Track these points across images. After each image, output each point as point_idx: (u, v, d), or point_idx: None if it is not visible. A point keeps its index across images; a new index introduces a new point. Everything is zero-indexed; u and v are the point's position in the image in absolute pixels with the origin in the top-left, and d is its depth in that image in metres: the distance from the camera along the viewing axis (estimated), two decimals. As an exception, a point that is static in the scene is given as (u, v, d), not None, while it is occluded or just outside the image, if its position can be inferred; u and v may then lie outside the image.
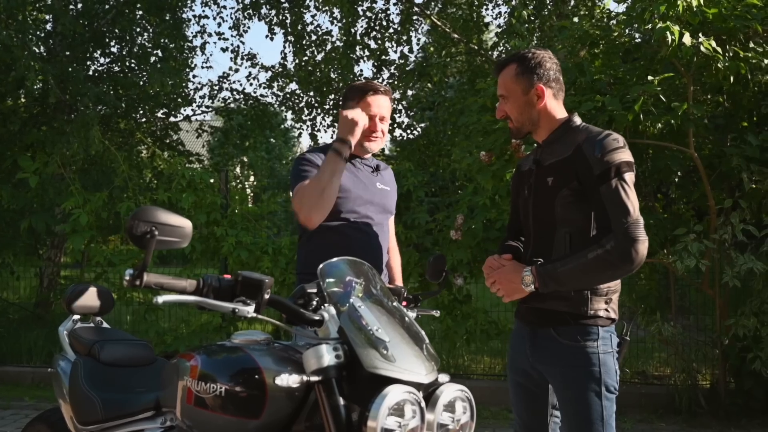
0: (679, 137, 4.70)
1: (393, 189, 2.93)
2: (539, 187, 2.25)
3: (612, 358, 2.18)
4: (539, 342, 2.25)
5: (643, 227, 2.03)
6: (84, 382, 2.48)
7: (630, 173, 2.09)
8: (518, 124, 2.30)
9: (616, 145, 2.10)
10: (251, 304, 1.71)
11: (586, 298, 2.15)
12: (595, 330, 2.15)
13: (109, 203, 6.23)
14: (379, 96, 2.75)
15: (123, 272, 5.62)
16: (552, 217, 2.20)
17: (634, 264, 2.01)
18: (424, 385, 1.71)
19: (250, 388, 1.78)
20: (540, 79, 2.24)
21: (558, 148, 2.23)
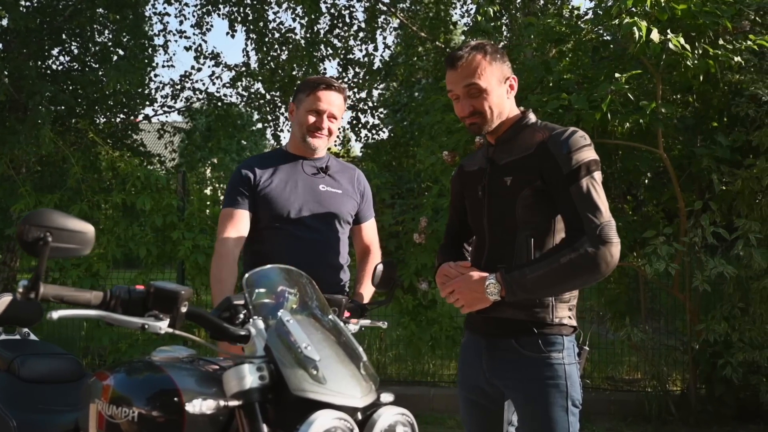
0: (648, 137, 4.60)
1: (350, 191, 2.73)
2: (496, 187, 2.07)
3: (576, 370, 2.02)
4: (498, 354, 2.05)
5: (615, 229, 1.89)
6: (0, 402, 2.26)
7: (599, 172, 1.96)
8: (489, 119, 2.06)
9: (584, 143, 1.96)
10: (165, 319, 1.52)
11: (550, 306, 1.99)
12: (559, 340, 1.99)
13: (60, 205, 5.98)
14: (331, 92, 2.60)
15: (73, 277, 5.40)
16: (512, 219, 2.03)
17: (609, 268, 1.86)
18: (360, 408, 1.52)
19: (167, 412, 1.58)
20: (509, 68, 2.10)
21: (514, 146, 2.06)
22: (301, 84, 2.72)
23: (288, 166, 2.65)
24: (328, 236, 2.64)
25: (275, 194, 2.57)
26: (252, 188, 2.57)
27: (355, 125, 9.92)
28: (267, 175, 2.60)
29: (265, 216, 2.57)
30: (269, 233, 2.57)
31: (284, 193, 2.58)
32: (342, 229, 2.70)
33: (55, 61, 9.05)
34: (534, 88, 4.79)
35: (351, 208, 2.73)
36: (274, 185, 2.58)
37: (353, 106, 10.06)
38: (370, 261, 2.80)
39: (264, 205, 2.57)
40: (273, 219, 2.56)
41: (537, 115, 4.28)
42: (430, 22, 8.66)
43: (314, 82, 2.64)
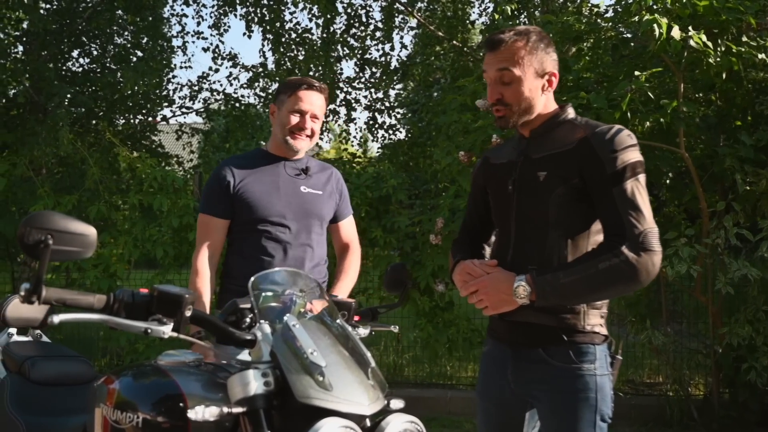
0: (669, 137, 4.50)
1: (329, 192, 2.74)
2: (527, 182, 1.94)
3: (609, 382, 1.89)
4: (524, 365, 1.93)
5: (658, 237, 1.76)
6: (9, 404, 2.25)
7: (644, 175, 1.82)
8: (518, 111, 1.92)
9: (630, 142, 1.82)
10: (168, 323, 1.49)
11: (582, 312, 1.87)
12: (591, 349, 1.86)
13: (79, 206, 6.01)
14: (312, 92, 2.60)
15: (90, 278, 5.42)
16: (543, 217, 1.90)
17: (649, 277, 1.74)
18: (368, 416, 1.48)
19: (172, 418, 1.55)
20: (554, 62, 1.95)
21: (551, 140, 1.93)
22: (281, 85, 2.70)
23: (269, 168, 2.65)
24: (309, 237, 2.65)
25: (257, 197, 2.57)
26: (231, 192, 2.57)
27: (372, 125, 9.89)
28: (248, 177, 2.60)
29: (246, 218, 2.57)
30: (251, 235, 2.57)
31: (266, 196, 2.58)
32: (322, 229, 2.72)
33: (75, 63, 9.13)
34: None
35: (331, 208, 2.75)
36: (256, 187, 2.58)
37: (370, 106, 10.04)
38: (348, 258, 2.82)
39: (245, 208, 2.56)
40: (255, 221, 2.56)
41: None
42: (447, 22, 8.60)
43: (295, 83, 2.62)
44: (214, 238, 2.59)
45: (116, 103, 8.70)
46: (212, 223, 2.59)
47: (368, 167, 6.66)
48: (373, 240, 5.49)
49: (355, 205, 5.50)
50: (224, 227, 2.60)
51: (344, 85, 9.92)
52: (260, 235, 2.56)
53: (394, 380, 5.99)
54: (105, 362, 6.66)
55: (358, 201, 5.50)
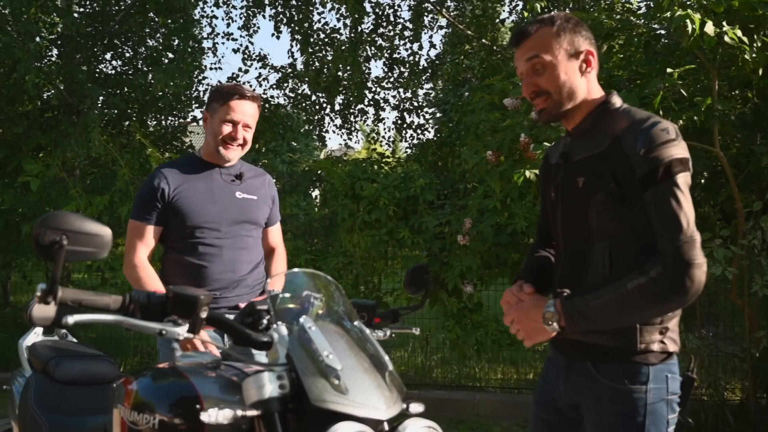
0: (703, 135, 4.39)
1: (263, 197, 2.82)
2: (568, 189, 1.80)
3: (666, 406, 1.70)
4: (574, 377, 1.82)
5: (699, 247, 1.58)
6: (33, 403, 2.27)
7: (684, 174, 1.62)
8: (559, 99, 1.76)
9: (666, 138, 1.62)
10: (184, 324, 1.48)
11: (635, 329, 1.70)
12: (645, 370, 1.70)
13: (110, 207, 6.09)
14: (244, 102, 2.60)
15: (122, 277, 5.48)
16: (586, 227, 1.75)
17: (689, 295, 1.56)
18: (384, 420, 1.45)
19: (188, 420, 1.54)
20: (586, 41, 1.79)
21: (591, 138, 1.77)
22: (213, 92, 2.71)
23: (204, 175, 2.68)
24: (246, 241, 2.71)
25: (192, 204, 2.60)
26: (164, 200, 2.59)
27: (400, 125, 9.86)
28: (182, 185, 2.62)
29: (182, 225, 2.60)
30: (187, 241, 2.61)
31: (201, 203, 2.62)
32: (258, 233, 2.81)
33: (107, 65, 9.27)
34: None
35: (265, 213, 2.84)
36: (191, 195, 2.61)
37: (397, 106, 10.02)
38: (275, 258, 2.94)
39: (181, 215, 2.60)
40: (191, 228, 2.60)
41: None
42: (477, 20, 8.53)
43: (227, 92, 2.62)
44: (146, 244, 2.61)
45: (147, 105, 8.80)
46: (145, 229, 2.61)
47: (397, 167, 6.63)
48: (401, 240, 5.46)
49: (383, 205, 5.48)
50: (157, 234, 2.63)
51: (373, 84, 9.91)
52: (196, 242, 2.61)
53: (423, 382, 5.96)
54: (136, 361, 6.74)
55: (385, 201, 5.48)
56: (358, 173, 5.76)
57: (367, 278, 5.89)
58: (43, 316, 2.56)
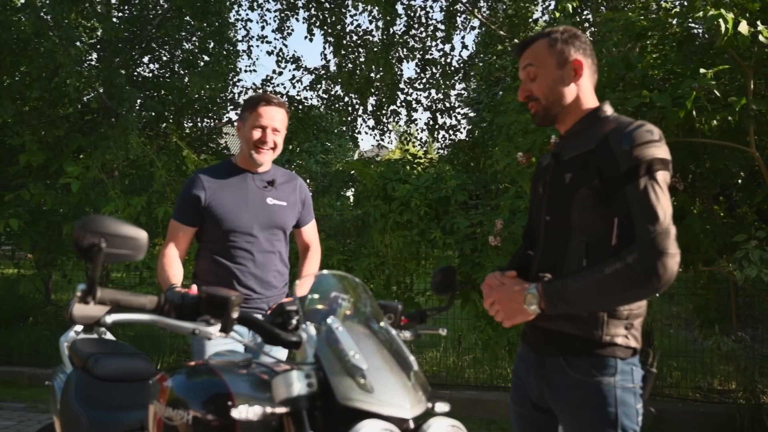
0: (739, 135, 4.33)
1: (293, 202, 2.97)
2: (555, 185, 1.93)
3: (633, 396, 1.83)
4: (545, 372, 1.93)
5: (674, 239, 1.69)
6: (74, 398, 2.35)
7: (663, 172, 1.75)
8: (547, 104, 1.94)
9: (649, 138, 1.76)
10: (216, 324, 1.53)
11: (602, 321, 1.82)
12: (612, 362, 1.82)
13: (147, 207, 6.23)
14: (271, 107, 2.78)
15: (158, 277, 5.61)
16: (567, 222, 1.87)
17: (661, 282, 1.66)
18: (409, 419, 1.48)
19: (220, 416, 1.59)
20: (578, 51, 1.94)
21: (582, 140, 1.90)
22: (244, 102, 2.90)
23: (237, 180, 2.85)
24: (274, 245, 2.89)
25: (226, 209, 2.78)
26: (202, 204, 2.77)
27: (432, 126, 9.87)
28: (218, 191, 2.80)
29: (216, 228, 2.79)
30: (221, 244, 2.80)
31: (235, 208, 2.79)
32: (285, 237, 2.98)
33: (145, 68, 9.44)
34: (615, 85, 4.61)
35: (293, 217, 2.99)
36: (226, 200, 2.79)
37: (430, 107, 10.04)
38: (309, 257, 3.09)
39: (215, 219, 2.78)
40: (225, 232, 2.78)
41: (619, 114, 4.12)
42: (509, 20, 8.50)
43: (255, 100, 2.82)
44: (180, 241, 2.82)
45: (184, 107, 8.95)
46: (181, 229, 2.81)
47: (429, 168, 6.65)
48: (433, 241, 5.49)
49: (415, 206, 5.51)
50: (192, 233, 2.83)
51: (405, 86, 9.94)
52: (230, 245, 2.79)
53: (455, 382, 5.97)
54: (172, 359, 6.87)
55: (417, 202, 5.51)
56: (390, 174, 5.79)
57: (399, 279, 5.93)
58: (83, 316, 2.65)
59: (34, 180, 7.07)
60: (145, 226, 6.30)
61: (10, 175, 7.48)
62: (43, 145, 7.62)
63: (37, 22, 7.29)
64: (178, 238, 2.81)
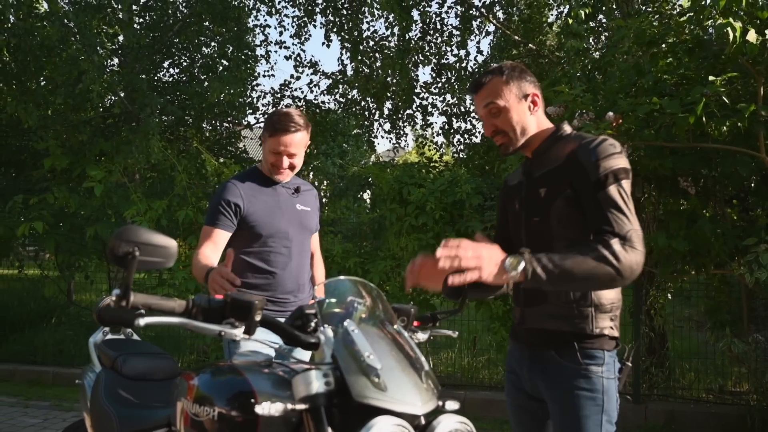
0: (750, 140, 4.39)
1: (314, 209, 3.13)
2: (532, 199, 2.11)
3: (615, 387, 2.02)
4: (538, 365, 2.08)
5: (641, 239, 1.87)
6: (103, 396, 2.47)
7: (627, 180, 1.95)
8: (514, 137, 2.12)
9: (613, 151, 1.96)
10: (240, 326, 1.64)
11: (591, 316, 2.00)
12: (600, 354, 2.00)
13: (168, 210, 6.36)
14: (287, 135, 2.85)
15: (179, 278, 5.75)
16: (548, 231, 2.05)
17: (632, 274, 1.83)
18: (420, 416, 1.59)
19: (244, 412, 1.70)
20: (531, 85, 2.13)
21: (549, 158, 2.10)
22: (267, 119, 2.96)
23: (269, 189, 2.97)
24: (304, 248, 3.05)
25: (264, 215, 2.89)
26: (238, 211, 2.87)
27: (447, 131, 9.97)
28: (254, 198, 2.91)
29: (254, 233, 2.88)
30: (259, 248, 2.90)
31: (271, 214, 2.91)
32: (310, 241, 3.12)
33: (166, 73, 9.61)
34: (627, 91, 4.68)
35: (316, 222, 3.16)
36: (262, 207, 2.90)
37: (445, 112, 10.12)
38: (316, 264, 3.26)
39: (253, 225, 2.87)
40: (262, 236, 2.89)
41: (628, 120, 4.19)
42: (524, 26, 8.57)
43: (274, 126, 2.87)
44: (216, 246, 2.85)
45: (203, 112, 9.11)
46: (216, 234, 2.86)
47: (444, 171, 6.74)
48: (447, 244, 5.56)
49: (430, 209, 5.61)
50: (225, 239, 2.88)
51: (421, 90, 10.03)
52: (267, 248, 2.91)
53: (470, 383, 6.05)
54: (192, 358, 7.01)
55: (432, 205, 5.60)
56: (405, 178, 5.89)
57: (414, 281, 6.00)
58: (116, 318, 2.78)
59: (57, 184, 7.25)
60: (166, 228, 6.46)
61: (35, 179, 7.67)
62: (66, 149, 7.80)
63: (60, 29, 7.46)
64: (213, 243, 2.86)
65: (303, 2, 9.65)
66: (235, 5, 9.09)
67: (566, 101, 4.37)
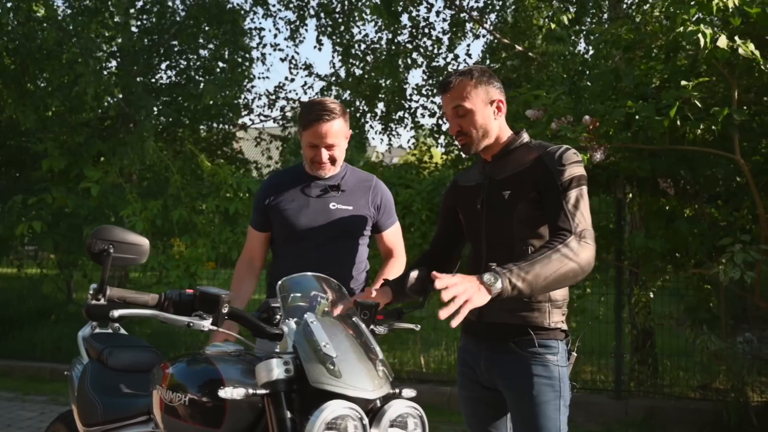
0: (726, 143, 4.50)
1: (362, 206, 2.81)
2: (494, 201, 2.23)
3: (566, 373, 2.18)
4: (496, 356, 2.21)
5: (593, 238, 2.03)
6: (89, 386, 2.61)
7: (585, 186, 2.12)
8: (476, 139, 2.23)
9: (576, 159, 2.14)
10: (208, 318, 1.78)
11: (547, 311, 2.15)
12: (554, 344, 2.16)
13: (163, 211, 6.49)
14: (322, 124, 2.64)
15: (173, 276, 5.88)
16: (510, 232, 2.18)
17: (589, 267, 1.98)
18: (372, 400, 1.72)
19: (213, 398, 1.84)
20: (497, 91, 2.26)
21: (510, 162, 2.23)
22: (300, 113, 2.80)
23: (301, 186, 2.79)
24: (336, 252, 2.75)
25: (285, 214, 2.75)
26: (266, 208, 2.80)
27: (437, 132, 10.07)
28: (282, 195, 2.78)
29: (281, 232, 2.80)
30: (282, 250, 2.82)
31: (295, 213, 2.74)
32: (352, 243, 2.83)
33: (162, 76, 9.76)
34: (608, 95, 4.80)
35: (363, 222, 2.82)
36: (285, 205, 2.76)
37: (434, 114, 10.24)
38: (391, 264, 2.96)
39: (277, 224, 2.79)
40: (285, 237, 2.79)
41: (606, 123, 4.30)
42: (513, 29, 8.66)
43: (308, 117, 2.67)
44: (254, 247, 2.90)
45: (199, 113, 9.24)
46: (253, 234, 2.90)
47: (434, 173, 6.87)
48: (434, 243, 5.70)
49: (416, 210, 5.74)
50: (263, 238, 2.87)
51: (413, 92, 10.14)
52: (294, 248, 2.75)
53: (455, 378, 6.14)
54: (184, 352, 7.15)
55: (419, 206, 5.73)
56: (393, 179, 6.01)
57: (402, 279, 6.13)
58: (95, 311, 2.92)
59: (56, 184, 7.38)
60: (162, 228, 6.60)
61: (34, 180, 7.81)
62: (64, 150, 7.93)
63: (57, 33, 7.60)
64: (252, 244, 2.86)
65: (294, 7, 9.75)
66: (230, 8, 9.22)
67: (545, 105, 4.49)
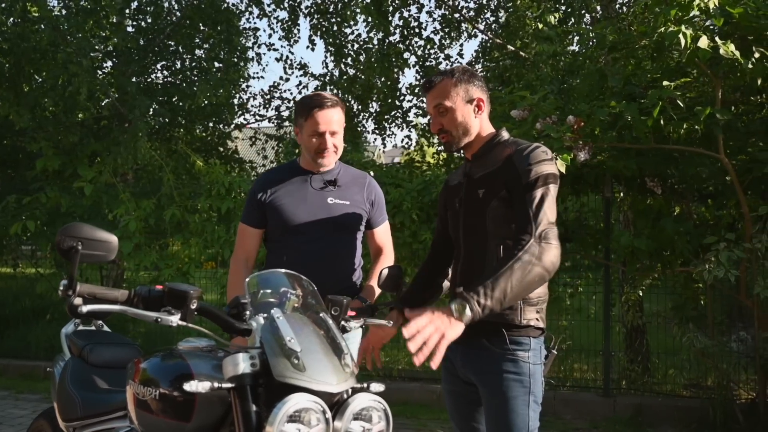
0: (712, 142, 4.54)
1: (358, 202, 2.84)
2: (470, 199, 2.28)
3: (540, 371, 2.21)
4: (470, 351, 2.25)
5: (556, 235, 2.06)
6: (69, 382, 2.64)
7: (555, 185, 2.13)
8: (456, 137, 2.29)
9: (545, 157, 2.15)
10: (176, 314, 1.81)
11: (519, 309, 2.18)
12: (526, 341, 2.19)
13: (156, 210, 6.53)
14: (325, 111, 2.67)
15: (166, 275, 5.92)
16: (483, 230, 2.22)
17: (553, 266, 2.02)
18: (336, 394, 1.75)
19: (182, 393, 1.87)
20: (478, 89, 2.30)
21: (487, 161, 2.27)
22: (297, 106, 2.81)
23: (297, 180, 2.80)
24: (335, 247, 2.77)
25: (283, 209, 2.74)
26: (262, 204, 2.79)
27: (427, 131, 10.11)
28: (278, 191, 2.78)
29: (275, 229, 2.78)
30: (279, 246, 2.79)
31: (293, 208, 2.74)
32: (350, 237, 2.84)
33: (158, 75, 9.79)
34: (595, 95, 4.84)
35: (359, 217, 2.85)
36: (282, 200, 2.76)
37: (426, 113, 10.26)
38: (381, 262, 2.95)
39: (273, 219, 2.77)
40: (282, 232, 2.76)
41: (591, 123, 4.34)
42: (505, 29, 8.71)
43: (308, 106, 2.69)
44: (248, 244, 2.86)
45: (193, 113, 9.27)
46: (247, 231, 2.86)
47: (426, 172, 6.90)
48: (424, 242, 5.74)
49: (406, 209, 5.77)
50: (257, 235, 2.86)
51: (406, 91, 10.16)
52: (290, 244, 2.74)
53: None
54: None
55: (409, 205, 5.76)
56: (385, 179, 6.04)
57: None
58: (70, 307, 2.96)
59: (50, 184, 7.42)
60: (155, 227, 6.64)
61: (28, 179, 7.85)
62: (59, 150, 7.96)
63: (51, 33, 7.63)
64: (246, 241, 2.83)
65: (287, 6, 9.77)
66: (225, 8, 9.25)
67: (530, 105, 4.53)
